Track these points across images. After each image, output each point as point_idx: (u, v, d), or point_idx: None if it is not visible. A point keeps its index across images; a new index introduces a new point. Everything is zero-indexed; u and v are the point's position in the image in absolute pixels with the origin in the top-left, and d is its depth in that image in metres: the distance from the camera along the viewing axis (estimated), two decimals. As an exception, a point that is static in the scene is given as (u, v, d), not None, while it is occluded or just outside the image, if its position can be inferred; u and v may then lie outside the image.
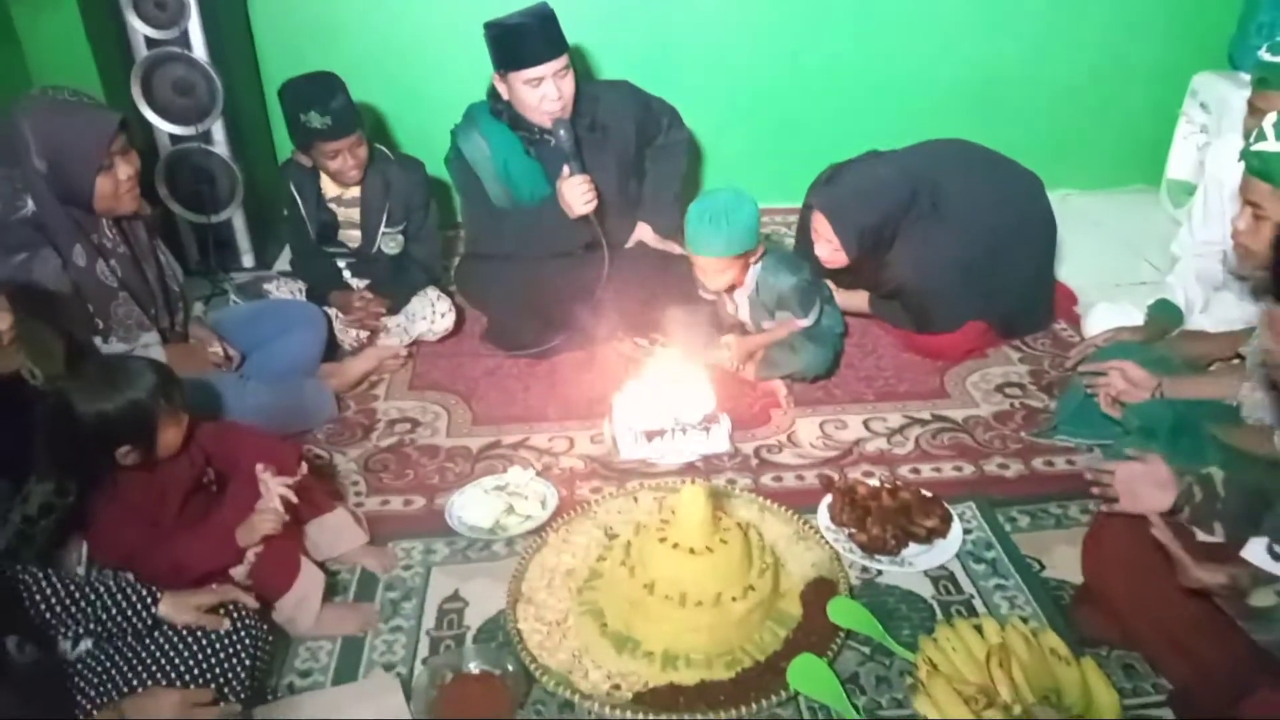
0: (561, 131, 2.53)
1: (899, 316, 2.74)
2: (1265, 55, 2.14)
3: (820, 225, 2.47)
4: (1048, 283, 2.86)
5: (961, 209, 2.53)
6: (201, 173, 3.01)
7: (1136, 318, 2.51)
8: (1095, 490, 1.72)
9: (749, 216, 2.38)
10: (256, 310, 2.62)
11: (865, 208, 2.44)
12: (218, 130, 2.96)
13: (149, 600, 1.53)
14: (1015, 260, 2.66)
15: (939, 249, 2.51)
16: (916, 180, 2.51)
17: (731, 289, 2.54)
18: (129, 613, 1.51)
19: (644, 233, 2.88)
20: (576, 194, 2.53)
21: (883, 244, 2.50)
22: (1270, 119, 1.63)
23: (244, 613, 1.61)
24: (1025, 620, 1.74)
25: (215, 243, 3.12)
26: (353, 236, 2.85)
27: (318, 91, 2.56)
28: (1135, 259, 3.19)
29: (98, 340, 2.13)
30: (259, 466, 1.77)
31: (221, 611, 1.58)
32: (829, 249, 2.49)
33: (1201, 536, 1.60)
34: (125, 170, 2.08)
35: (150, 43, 2.82)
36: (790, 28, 3.42)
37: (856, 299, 2.82)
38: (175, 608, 1.55)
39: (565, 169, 2.55)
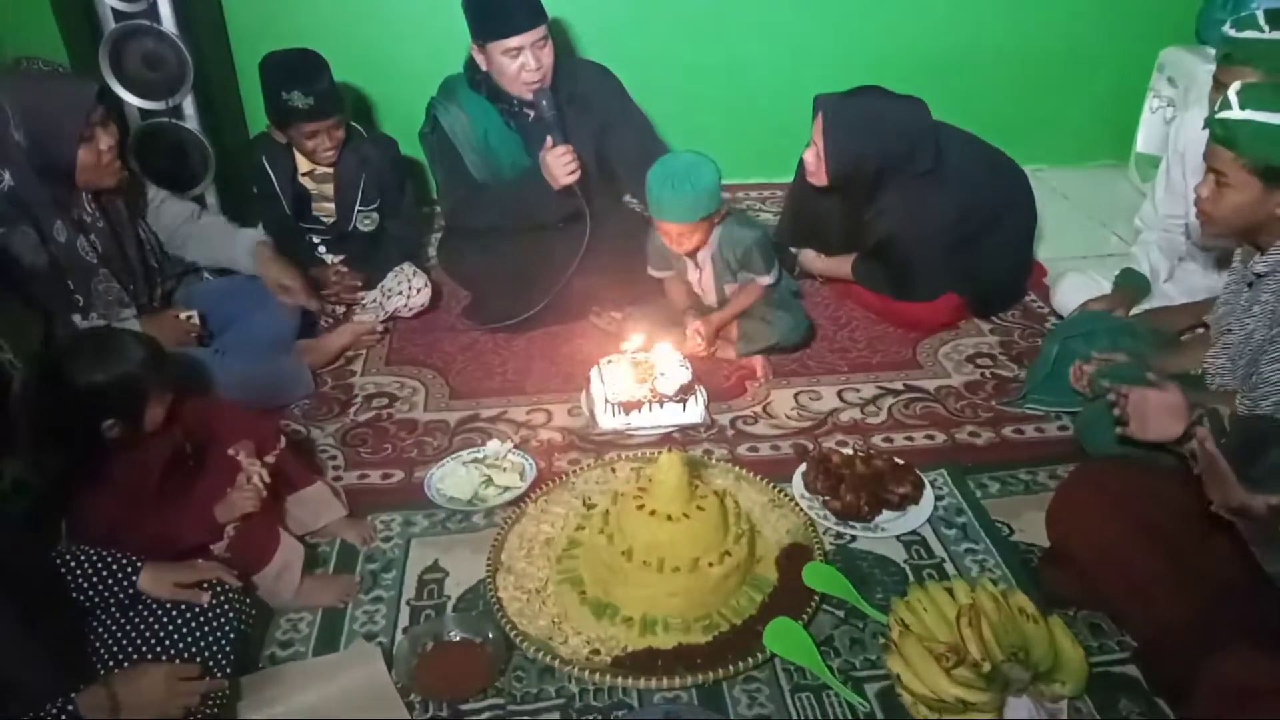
0: (544, 101, 2.53)
1: (880, 281, 2.75)
2: (1230, 30, 2.16)
3: (816, 128, 2.49)
4: (1024, 269, 2.91)
5: (959, 178, 2.56)
6: (173, 148, 2.97)
7: (1104, 287, 2.56)
8: (1115, 411, 1.74)
9: (710, 179, 2.36)
10: (231, 286, 2.60)
11: (859, 135, 2.46)
12: (188, 105, 2.92)
13: (130, 571, 1.53)
14: (998, 241, 2.70)
15: (935, 208, 2.53)
16: (922, 134, 2.52)
17: (695, 251, 2.52)
18: (110, 583, 1.52)
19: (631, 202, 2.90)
20: (560, 164, 2.53)
21: (860, 179, 2.52)
22: (1235, 86, 1.66)
23: (227, 586, 1.62)
24: (995, 582, 1.78)
25: (192, 217, 3.09)
26: (327, 211, 2.84)
27: (302, 71, 2.55)
28: (1104, 232, 3.24)
29: (77, 317, 2.12)
30: (232, 449, 1.78)
31: (204, 586, 1.58)
32: (812, 156, 2.51)
33: (1197, 469, 1.64)
34: (106, 141, 2.07)
35: (118, 15, 2.77)
36: (765, 3, 3.42)
37: (840, 265, 2.84)
38: (155, 582, 1.55)
39: (549, 139, 2.55)
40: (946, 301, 2.71)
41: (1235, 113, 1.63)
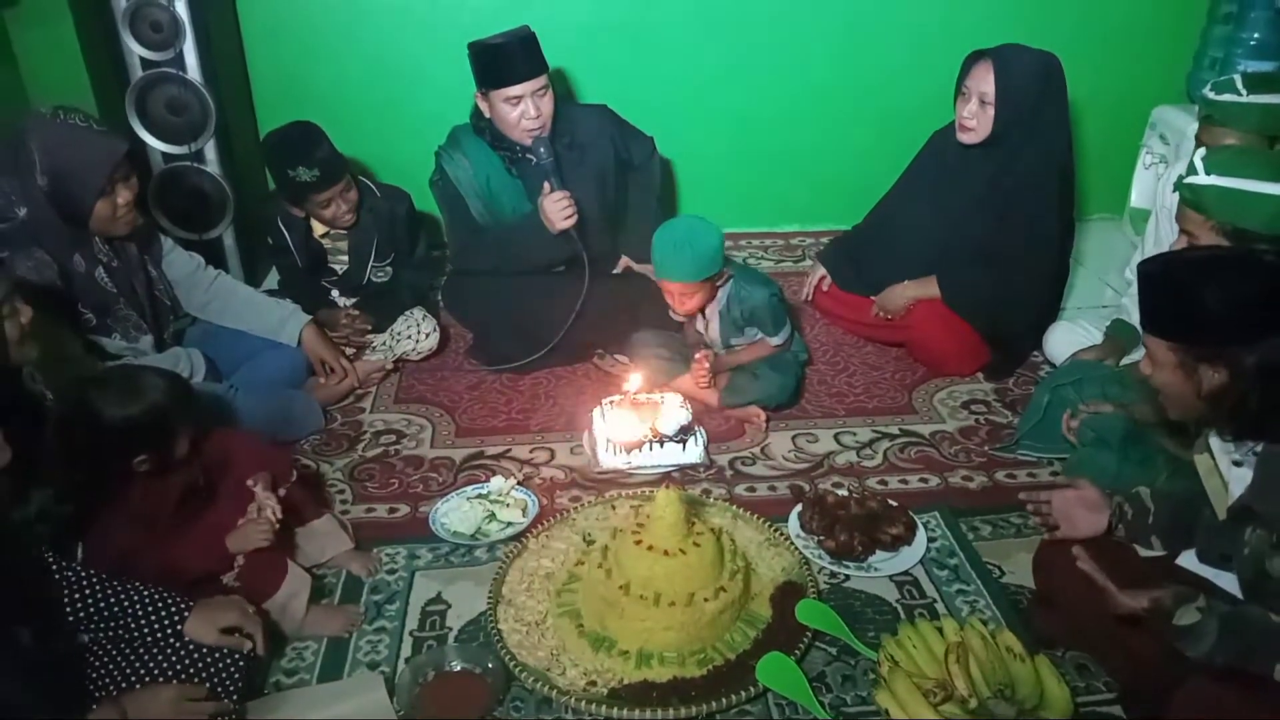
0: (541, 149, 2.63)
1: (968, 293, 2.75)
2: (1209, 93, 2.25)
3: (979, 81, 2.59)
4: (1032, 339, 2.92)
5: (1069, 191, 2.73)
6: (193, 191, 3.07)
7: (1096, 337, 2.62)
8: (1036, 520, 1.81)
9: (713, 241, 2.41)
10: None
11: (1029, 76, 2.58)
12: (210, 150, 3.02)
13: (176, 617, 1.59)
14: (1045, 284, 2.83)
15: (1057, 190, 2.67)
16: (1060, 69, 2.64)
17: (701, 309, 2.58)
18: (155, 621, 1.57)
19: (626, 262, 2.98)
20: (556, 209, 2.61)
21: (1022, 125, 2.60)
22: (1200, 152, 1.74)
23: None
24: (984, 622, 1.81)
25: (206, 260, 3.18)
26: (341, 263, 2.93)
27: (302, 145, 2.66)
28: (1098, 284, 3.31)
29: (103, 338, 2.22)
30: (251, 480, 1.84)
31: (236, 634, 1.63)
32: (974, 106, 2.61)
33: (1144, 552, 1.70)
34: (125, 195, 2.17)
35: (145, 63, 2.89)
36: (767, 54, 3.53)
37: (926, 286, 2.80)
38: (200, 629, 1.60)
39: (546, 185, 2.64)
40: (979, 354, 2.79)
41: (1201, 178, 1.70)
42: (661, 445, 2.32)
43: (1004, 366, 2.84)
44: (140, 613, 1.58)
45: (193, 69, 2.93)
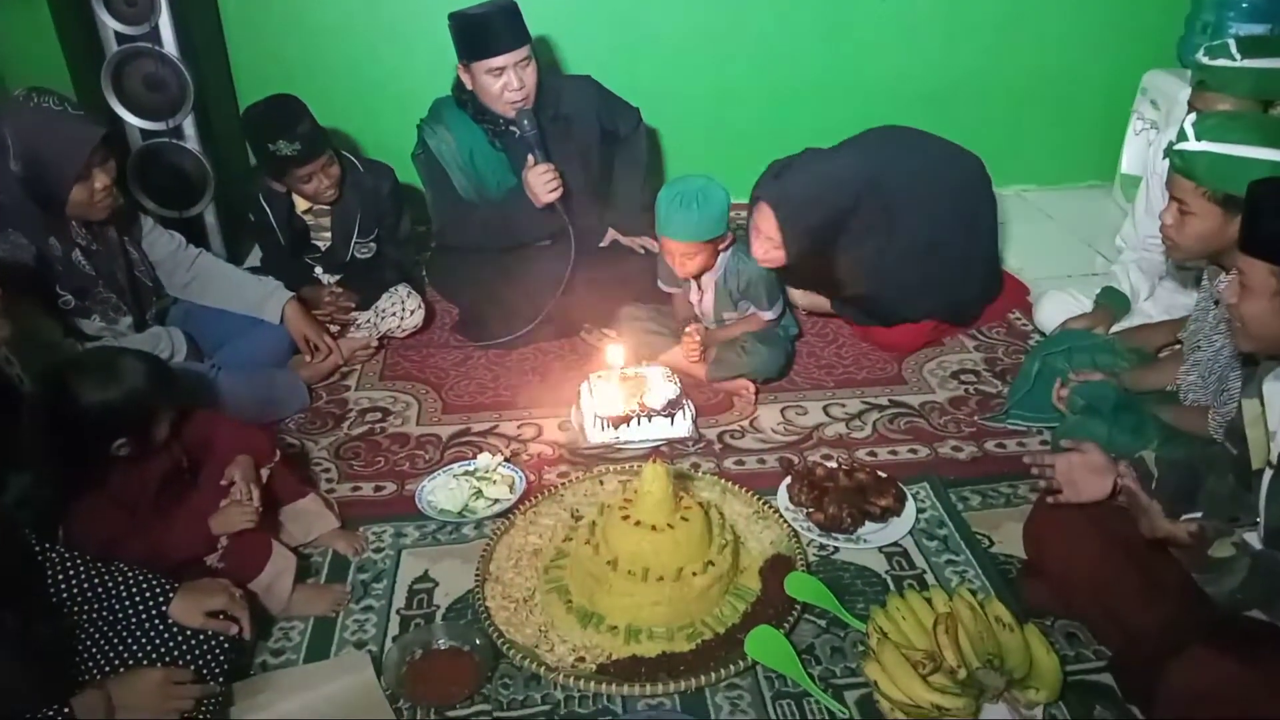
0: (525, 121, 2.59)
1: (860, 315, 2.79)
2: (1202, 58, 2.21)
3: (763, 221, 2.42)
4: (995, 266, 2.92)
5: (909, 208, 2.52)
6: (173, 168, 3.02)
7: (1086, 305, 2.61)
8: (1042, 485, 1.79)
9: (720, 202, 2.39)
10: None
11: (813, 208, 2.42)
12: (188, 125, 2.97)
13: (160, 599, 1.58)
14: (962, 249, 2.71)
15: (892, 255, 2.54)
16: (865, 184, 2.48)
17: (699, 275, 2.55)
18: (139, 604, 1.56)
19: (613, 235, 2.95)
20: (541, 182, 2.58)
21: (823, 247, 2.49)
22: (1190, 118, 1.71)
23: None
24: (973, 592, 1.81)
25: (187, 238, 3.13)
26: (324, 239, 2.89)
27: (282, 119, 2.60)
28: (1088, 251, 3.29)
29: (82, 320, 2.19)
30: (226, 473, 1.82)
31: (221, 616, 1.62)
32: (767, 246, 2.44)
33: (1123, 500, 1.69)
34: (102, 180, 2.13)
35: (121, 38, 2.83)
36: (752, 27, 3.49)
37: (819, 300, 2.86)
38: (185, 612, 1.58)
39: (530, 158, 2.60)
40: (923, 326, 2.75)
41: (1191, 144, 1.68)
42: (649, 419, 2.31)
43: (963, 319, 2.84)
44: (124, 595, 1.56)
45: (169, 43, 2.87)
